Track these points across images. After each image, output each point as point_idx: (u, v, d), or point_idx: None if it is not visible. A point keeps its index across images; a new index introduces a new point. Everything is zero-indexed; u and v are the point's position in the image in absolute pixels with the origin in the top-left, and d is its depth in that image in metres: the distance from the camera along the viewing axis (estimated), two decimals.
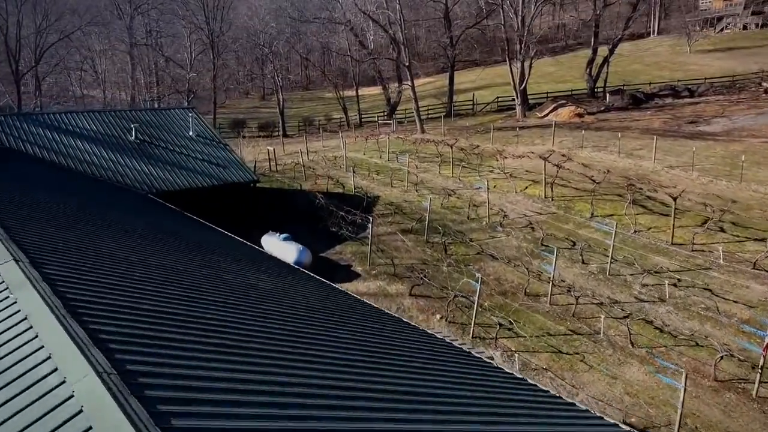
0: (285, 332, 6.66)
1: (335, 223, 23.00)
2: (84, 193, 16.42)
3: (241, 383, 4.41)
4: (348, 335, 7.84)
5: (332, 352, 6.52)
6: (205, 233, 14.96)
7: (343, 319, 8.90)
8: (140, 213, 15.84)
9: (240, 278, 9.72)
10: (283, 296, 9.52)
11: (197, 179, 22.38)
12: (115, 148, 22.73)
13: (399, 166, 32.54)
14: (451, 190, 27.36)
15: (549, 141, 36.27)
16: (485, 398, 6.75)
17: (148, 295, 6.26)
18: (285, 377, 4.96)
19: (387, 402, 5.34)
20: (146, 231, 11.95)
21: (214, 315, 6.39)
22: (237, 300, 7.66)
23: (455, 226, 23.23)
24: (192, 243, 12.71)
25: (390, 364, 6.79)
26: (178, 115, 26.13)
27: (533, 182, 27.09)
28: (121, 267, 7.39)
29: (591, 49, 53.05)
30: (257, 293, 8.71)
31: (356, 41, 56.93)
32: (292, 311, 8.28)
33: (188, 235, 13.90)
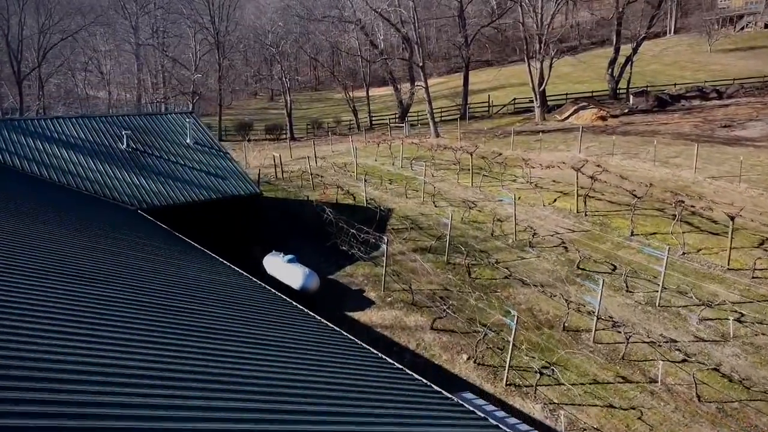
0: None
1: (345, 240, 20.80)
2: (57, 210, 14.33)
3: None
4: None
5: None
6: (184, 258, 12.82)
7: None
8: (118, 231, 13.72)
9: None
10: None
11: (193, 192, 20.25)
12: (104, 158, 20.65)
13: (414, 174, 30.29)
14: (471, 202, 25.10)
15: (574, 147, 33.89)
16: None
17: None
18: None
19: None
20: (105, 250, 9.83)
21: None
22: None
23: (478, 245, 20.96)
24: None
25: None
26: (175, 121, 24.03)
27: (562, 194, 24.77)
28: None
29: (613, 48, 50.57)
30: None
31: (367, 41, 54.73)
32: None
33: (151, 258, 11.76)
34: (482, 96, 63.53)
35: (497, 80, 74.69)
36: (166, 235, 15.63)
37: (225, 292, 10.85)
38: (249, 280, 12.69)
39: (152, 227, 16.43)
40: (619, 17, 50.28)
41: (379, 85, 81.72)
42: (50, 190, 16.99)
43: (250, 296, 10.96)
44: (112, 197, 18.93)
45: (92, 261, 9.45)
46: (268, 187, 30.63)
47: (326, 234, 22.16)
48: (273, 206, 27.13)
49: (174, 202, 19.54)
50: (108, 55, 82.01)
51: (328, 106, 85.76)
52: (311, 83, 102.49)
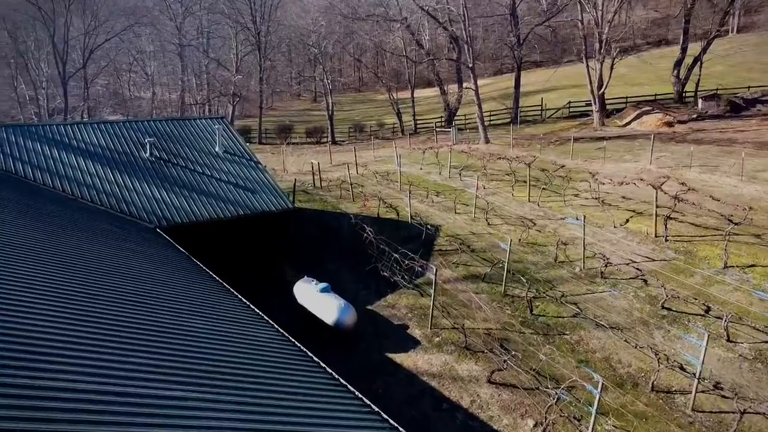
0: None
1: (387, 266, 18.33)
2: (54, 227, 12.34)
3: None
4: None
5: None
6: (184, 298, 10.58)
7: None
8: (121, 253, 11.63)
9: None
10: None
11: (219, 208, 18.16)
12: (124, 168, 18.79)
13: (463, 186, 27.62)
14: (529, 221, 22.30)
15: (641, 157, 30.59)
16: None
17: None
18: None
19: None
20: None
21: None
22: None
23: (539, 273, 18.20)
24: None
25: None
26: (204, 127, 22.07)
27: (635, 213, 21.71)
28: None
29: (680, 47, 46.63)
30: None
31: (412, 40, 52.22)
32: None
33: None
34: (532, 99, 60.18)
35: (548, 82, 71.09)
36: (178, 259, 13.51)
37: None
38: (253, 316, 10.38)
39: (166, 248, 14.35)
40: (687, 14, 46.32)
41: (424, 86, 79.09)
42: (57, 203, 15.11)
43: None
44: (129, 213, 17.00)
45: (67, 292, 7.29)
46: (304, 196, 28.50)
47: (366, 255, 19.76)
48: (309, 219, 24.94)
49: (197, 220, 17.49)
50: (153, 56, 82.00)
51: (371, 107, 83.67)
52: (354, 84, 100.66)
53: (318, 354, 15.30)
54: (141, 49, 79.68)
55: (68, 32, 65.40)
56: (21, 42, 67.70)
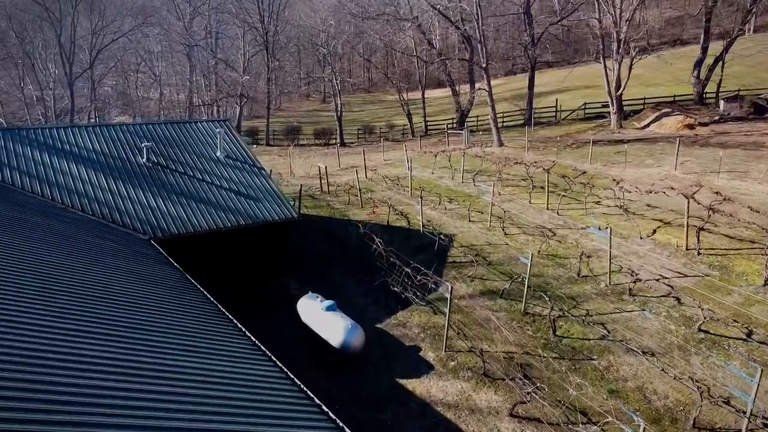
0: None
1: (398, 280, 17.10)
2: (39, 247, 11.23)
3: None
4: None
5: None
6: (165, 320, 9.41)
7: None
8: (105, 269, 10.49)
9: None
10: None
11: (218, 218, 17.02)
12: (119, 175, 17.70)
13: (477, 192, 26.37)
14: (549, 230, 21.00)
15: (664, 161, 29.19)
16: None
17: None
18: None
19: None
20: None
21: None
22: None
23: (562, 288, 16.91)
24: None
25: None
26: (205, 130, 20.95)
27: (662, 223, 20.36)
28: None
29: (700, 47, 45.06)
30: None
31: (424, 40, 50.96)
32: None
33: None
34: (545, 100, 58.75)
35: (560, 82, 69.54)
36: (169, 277, 12.35)
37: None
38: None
39: (157, 264, 13.20)
40: (709, 13, 44.73)
41: (435, 86, 77.78)
42: (44, 214, 14.02)
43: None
44: (122, 223, 15.89)
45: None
46: (311, 202, 27.36)
47: (375, 267, 18.55)
48: (315, 227, 23.77)
49: (194, 230, 16.36)
50: (161, 57, 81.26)
51: (381, 108, 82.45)
52: (364, 85, 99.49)
53: (323, 379, 14.15)
54: (149, 49, 78.92)
55: (75, 32, 64.74)
56: (28, 42, 67.10)
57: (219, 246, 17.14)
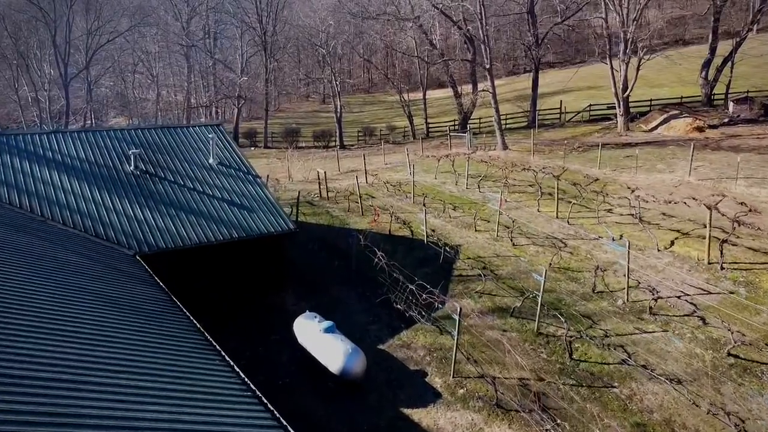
0: None
1: (402, 297, 16.01)
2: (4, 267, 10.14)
3: None
4: None
5: None
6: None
7: None
8: (79, 293, 9.42)
9: None
10: None
11: (210, 230, 15.93)
12: (104, 184, 16.63)
13: (482, 199, 25.30)
14: (559, 241, 19.92)
15: (676, 166, 28.12)
16: None
17: None
18: None
19: None
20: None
21: None
22: None
23: (576, 305, 15.84)
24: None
25: None
26: (197, 135, 19.88)
27: (680, 234, 19.28)
28: None
29: (708, 47, 43.96)
30: None
31: (426, 40, 49.86)
32: None
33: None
34: (547, 101, 57.65)
35: (562, 83, 68.50)
36: (153, 299, 11.28)
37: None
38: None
39: (141, 284, 12.13)
40: (717, 12, 43.64)
41: (434, 87, 76.67)
42: (18, 228, 12.94)
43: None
44: (105, 236, 14.82)
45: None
46: (309, 209, 26.30)
47: (377, 282, 17.48)
48: (313, 235, 22.70)
49: (183, 244, 15.28)
50: (158, 57, 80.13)
51: (381, 109, 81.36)
52: (363, 86, 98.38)
53: (320, 408, 13.07)
54: (146, 49, 77.80)
55: (70, 32, 63.64)
56: (22, 43, 66.01)
57: (210, 260, 16.08)
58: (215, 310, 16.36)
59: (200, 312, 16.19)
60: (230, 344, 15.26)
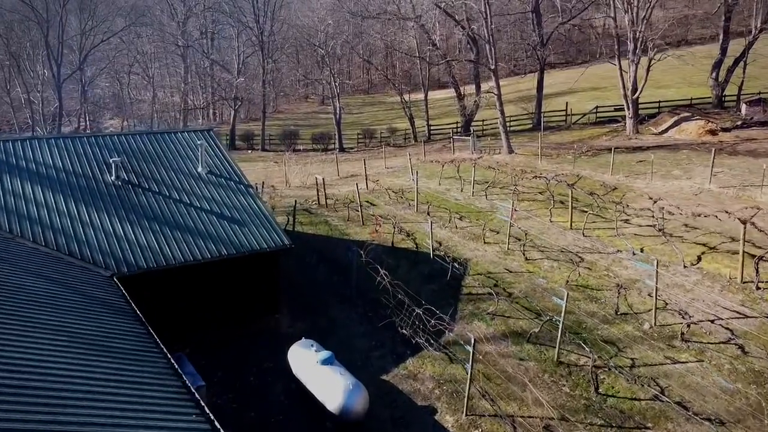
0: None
1: (407, 321, 14.59)
2: None
3: None
4: None
5: None
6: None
7: None
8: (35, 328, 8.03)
9: None
10: None
11: (197, 247, 14.52)
12: (81, 196, 15.22)
13: (489, 207, 23.90)
14: (575, 254, 18.51)
15: (693, 172, 26.74)
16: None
17: None
18: None
19: None
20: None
21: None
22: None
23: (598, 329, 14.44)
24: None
25: None
26: (185, 141, 18.45)
27: (707, 248, 17.88)
28: None
29: (719, 48, 42.63)
30: None
31: (428, 41, 48.45)
32: None
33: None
34: (551, 102, 56.28)
35: (564, 83, 67.15)
36: (126, 334, 9.87)
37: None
38: None
39: (114, 314, 10.72)
40: (729, 11, 42.30)
41: (435, 87, 75.26)
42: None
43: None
44: (81, 255, 13.40)
45: None
46: (307, 218, 24.88)
47: (380, 303, 16.08)
48: (311, 247, 21.28)
49: (167, 264, 13.86)
50: (155, 58, 78.66)
51: (381, 110, 79.96)
52: (363, 86, 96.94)
53: None
54: (142, 50, 76.33)
55: (63, 32, 62.14)
56: (14, 43, 64.54)
57: (196, 278, 14.67)
58: (202, 334, 14.98)
59: (185, 337, 14.85)
60: (218, 373, 13.94)
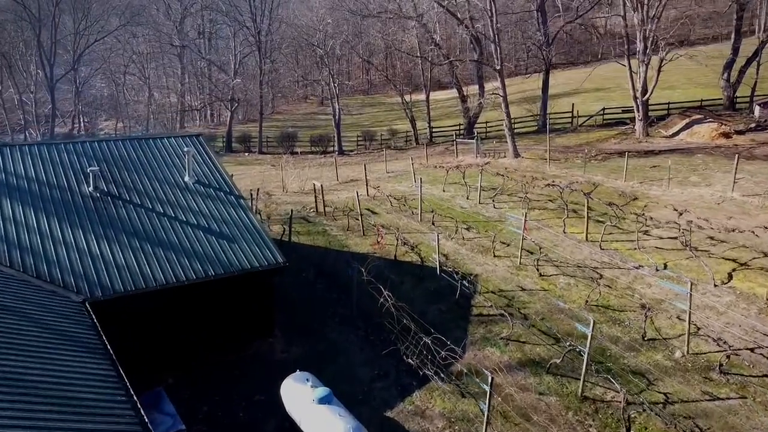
0: None
1: (413, 349, 13.19)
2: None
3: None
4: None
5: None
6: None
7: None
8: None
9: None
10: None
11: (181, 266, 13.13)
12: (55, 210, 13.84)
13: (498, 216, 22.52)
14: (594, 269, 17.14)
15: (712, 178, 25.38)
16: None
17: None
18: None
19: None
20: None
21: None
22: None
23: (624, 357, 13.06)
24: None
25: None
26: (171, 148, 17.07)
27: (738, 264, 16.50)
28: None
29: (731, 47, 41.24)
30: None
31: (430, 41, 47.07)
32: None
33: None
34: (554, 103, 54.85)
35: (566, 84, 65.73)
36: (95, 378, 8.50)
37: None
38: None
39: (84, 351, 9.34)
40: (741, 9, 40.95)
41: (435, 88, 73.87)
42: None
43: None
44: (50, 277, 12.02)
45: None
46: (304, 227, 23.50)
47: (383, 328, 14.68)
48: (308, 260, 19.89)
49: (147, 286, 12.47)
50: (151, 58, 77.25)
51: (381, 111, 78.55)
52: (362, 87, 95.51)
53: None
54: (138, 50, 74.92)
55: (56, 31, 60.80)
56: (6, 43, 63.16)
57: (181, 301, 13.29)
58: (186, 361, 13.60)
59: (168, 365, 13.46)
60: (203, 407, 12.53)
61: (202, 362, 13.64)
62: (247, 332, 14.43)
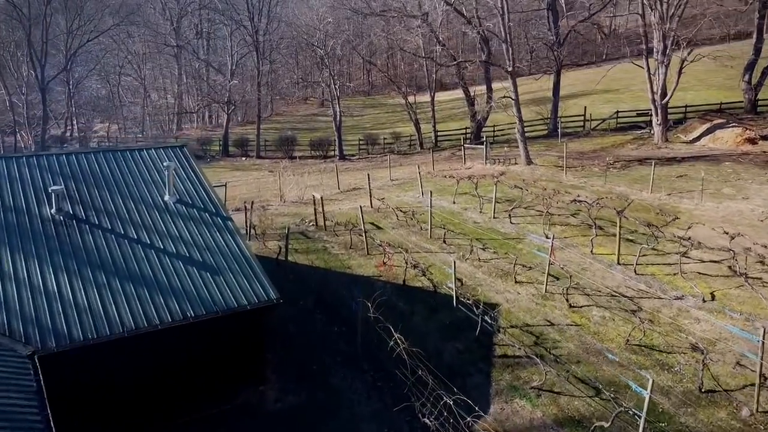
0: None
1: (429, 406, 11.10)
2: None
3: None
4: None
5: None
6: None
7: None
8: None
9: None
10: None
11: (155, 307, 11.05)
12: (8, 236, 11.77)
13: (516, 233, 20.42)
14: (630, 299, 15.05)
15: (748, 190, 23.32)
16: None
17: None
18: None
19: None
20: None
21: None
22: None
23: (680, 414, 10.98)
24: None
25: None
26: (151, 162, 14.99)
27: None
28: None
29: (753, 48, 39.12)
30: None
31: (435, 41, 44.98)
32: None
33: None
34: (561, 105, 52.83)
35: (572, 86, 63.68)
36: None
37: None
38: None
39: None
40: (763, 7, 38.87)
41: (438, 89, 71.79)
42: None
43: None
44: None
45: None
46: (303, 243, 21.41)
47: (394, 377, 12.60)
48: (306, 284, 17.83)
49: (111, 333, 10.39)
50: (148, 59, 75.24)
51: (383, 112, 76.51)
52: (363, 88, 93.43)
53: None
54: (134, 50, 72.89)
55: (47, 31, 58.66)
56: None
57: (154, 348, 11.22)
58: (161, 421, 11.53)
59: (138, 428, 11.40)
60: None
61: (181, 419, 11.57)
62: (234, 380, 12.35)
